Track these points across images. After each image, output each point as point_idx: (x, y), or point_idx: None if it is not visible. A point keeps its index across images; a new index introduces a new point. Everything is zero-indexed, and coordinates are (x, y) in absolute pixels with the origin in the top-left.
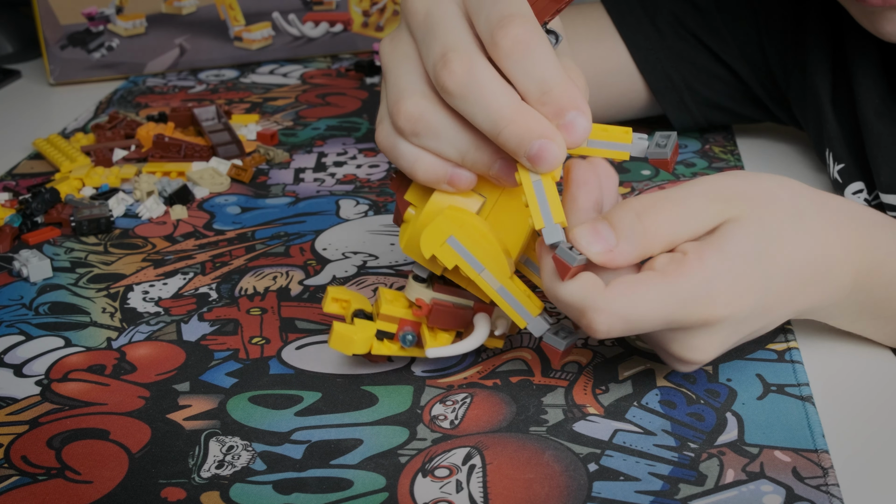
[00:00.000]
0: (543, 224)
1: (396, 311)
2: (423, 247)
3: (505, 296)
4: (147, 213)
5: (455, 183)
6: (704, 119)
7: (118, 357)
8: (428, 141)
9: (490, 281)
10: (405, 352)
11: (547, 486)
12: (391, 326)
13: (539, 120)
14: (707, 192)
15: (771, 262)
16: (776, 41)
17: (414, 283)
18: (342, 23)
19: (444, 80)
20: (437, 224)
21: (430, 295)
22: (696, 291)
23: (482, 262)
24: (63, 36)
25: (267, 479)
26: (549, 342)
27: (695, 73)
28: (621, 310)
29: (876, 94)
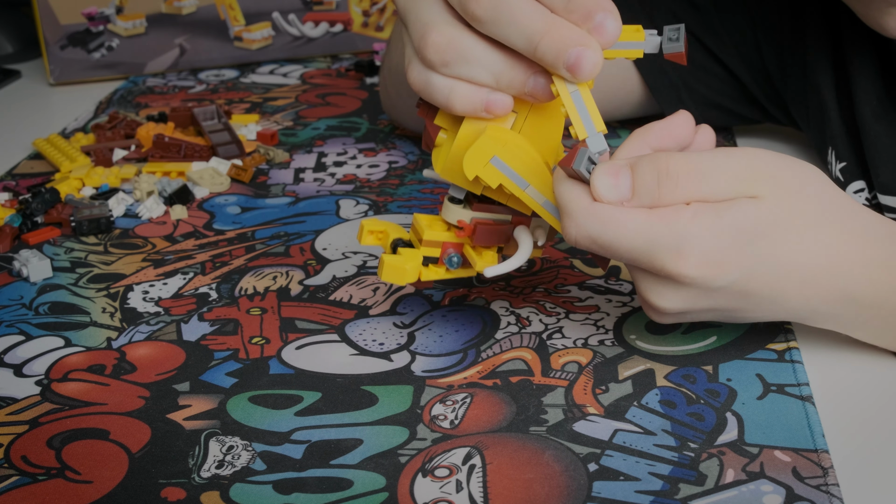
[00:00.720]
0: (587, 133)
1: (439, 236)
2: (467, 168)
3: (550, 209)
4: (147, 213)
5: (492, 109)
6: (702, 118)
7: (118, 357)
8: (459, 68)
9: (535, 196)
10: (452, 273)
11: (547, 486)
12: (435, 251)
13: (572, 29)
14: (740, 170)
15: (767, 249)
16: (773, 41)
17: (451, 205)
18: (342, 23)
19: (473, 8)
20: (480, 145)
21: (470, 215)
22: (669, 241)
23: (526, 178)
24: (63, 36)
25: (267, 479)
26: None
27: (692, 71)
28: (592, 230)
29: (874, 95)
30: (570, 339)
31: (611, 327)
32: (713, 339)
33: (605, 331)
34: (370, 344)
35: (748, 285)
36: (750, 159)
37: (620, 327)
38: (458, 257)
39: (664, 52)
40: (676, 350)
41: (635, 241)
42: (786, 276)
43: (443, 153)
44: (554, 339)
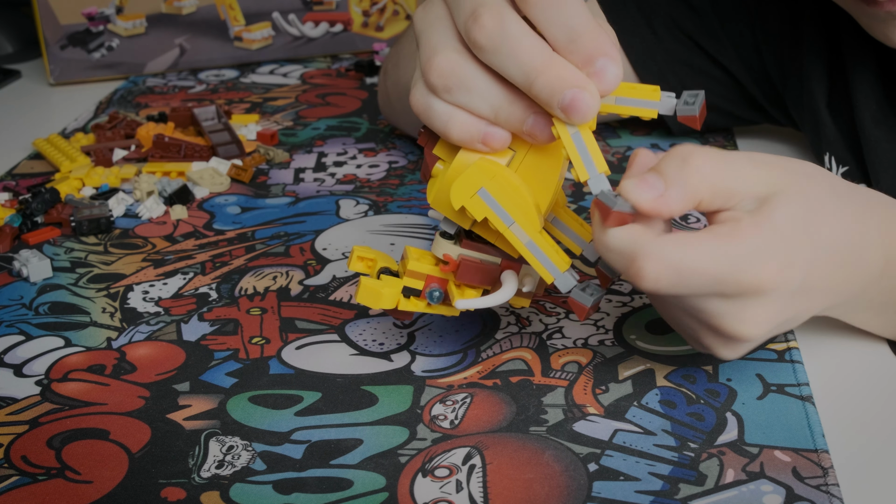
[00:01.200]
0: (588, 175)
1: (423, 268)
2: (454, 198)
3: (533, 250)
4: (147, 213)
5: (489, 142)
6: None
7: (118, 357)
8: (460, 96)
9: (519, 234)
10: (432, 309)
11: (547, 486)
12: (418, 283)
13: (570, 69)
14: (751, 157)
15: (816, 235)
16: (772, 44)
17: (441, 240)
18: (342, 23)
19: (475, 35)
20: (468, 175)
21: (458, 251)
22: (749, 254)
23: (512, 214)
24: (63, 36)
25: (267, 479)
26: (576, 298)
27: (691, 75)
28: (672, 257)
29: (873, 100)
30: (570, 339)
31: (611, 327)
32: None
33: (605, 331)
34: (370, 344)
35: (811, 278)
36: (753, 154)
37: (620, 327)
38: (440, 292)
39: (678, 114)
40: (676, 350)
41: (718, 261)
42: (834, 257)
43: (437, 184)
44: (554, 339)
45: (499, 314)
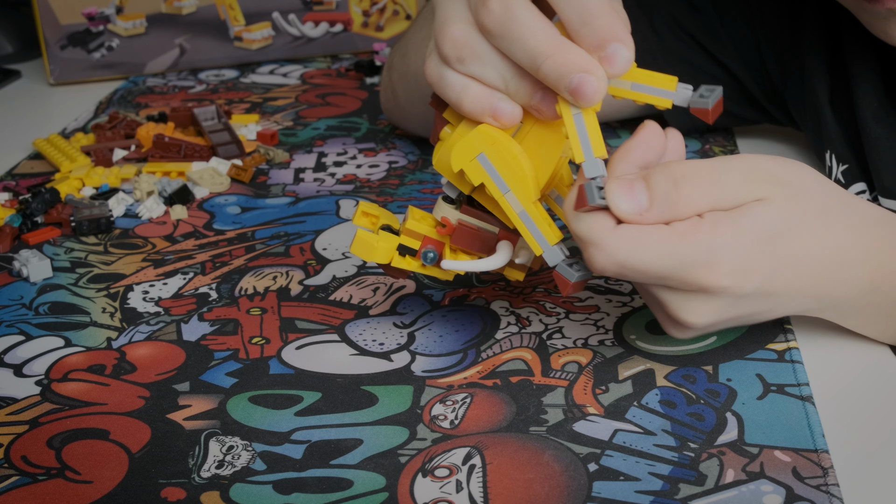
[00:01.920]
0: (584, 158)
1: (421, 228)
2: (454, 160)
3: (525, 220)
4: (147, 213)
5: (498, 116)
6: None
7: (118, 357)
8: (472, 66)
9: (513, 203)
10: (425, 270)
11: (547, 486)
12: (415, 243)
13: (578, 53)
14: (745, 172)
15: (785, 248)
16: (773, 43)
17: (442, 203)
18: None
19: (483, 19)
20: (470, 139)
21: (457, 215)
22: (699, 256)
23: (508, 183)
24: (63, 36)
25: (267, 479)
26: (561, 272)
27: (692, 73)
28: (620, 254)
29: (874, 97)
30: (570, 339)
31: (611, 327)
32: (713, 339)
33: (605, 331)
34: (370, 344)
35: (771, 286)
36: (751, 163)
37: (620, 327)
38: (435, 254)
39: (690, 105)
40: (676, 350)
41: (665, 260)
42: (803, 272)
43: (442, 148)
44: (554, 339)
45: (499, 314)
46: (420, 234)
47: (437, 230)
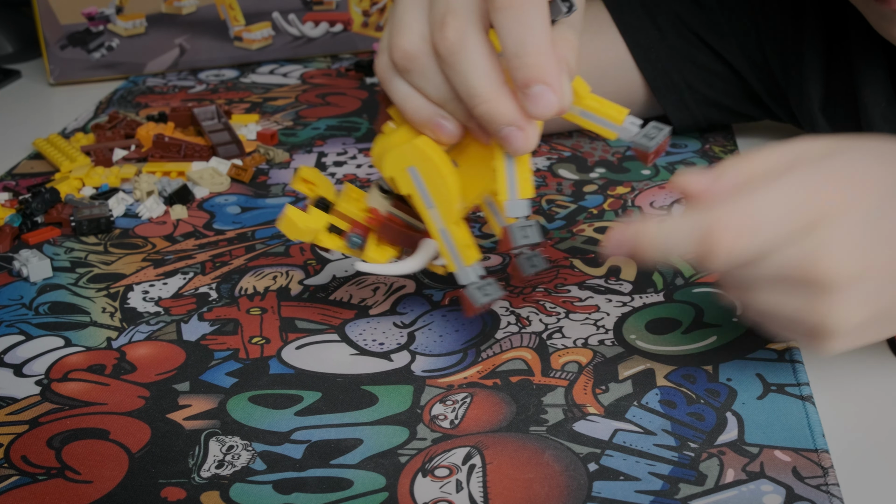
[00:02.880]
0: (507, 197)
1: (352, 212)
2: (386, 167)
3: (444, 238)
4: (147, 212)
5: (436, 131)
6: (703, 118)
7: (118, 357)
8: (418, 80)
9: (435, 219)
10: (347, 251)
11: (547, 486)
12: (345, 224)
13: (512, 105)
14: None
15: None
16: (776, 41)
17: (376, 192)
18: (342, 23)
19: (437, 43)
20: (404, 151)
21: (388, 208)
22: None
23: (434, 199)
24: (63, 36)
25: (267, 479)
26: (468, 294)
27: (695, 71)
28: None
29: (883, 98)
30: (570, 338)
31: (611, 327)
32: (713, 339)
33: (605, 331)
34: (370, 344)
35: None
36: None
37: (620, 327)
38: (361, 239)
39: (633, 144)
40: (676, 350)
41: (787, 191)
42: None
43: (381, 142)
44: (554, 338)
45: (499, 314)
46: (350, 218)
47: (366, 219)
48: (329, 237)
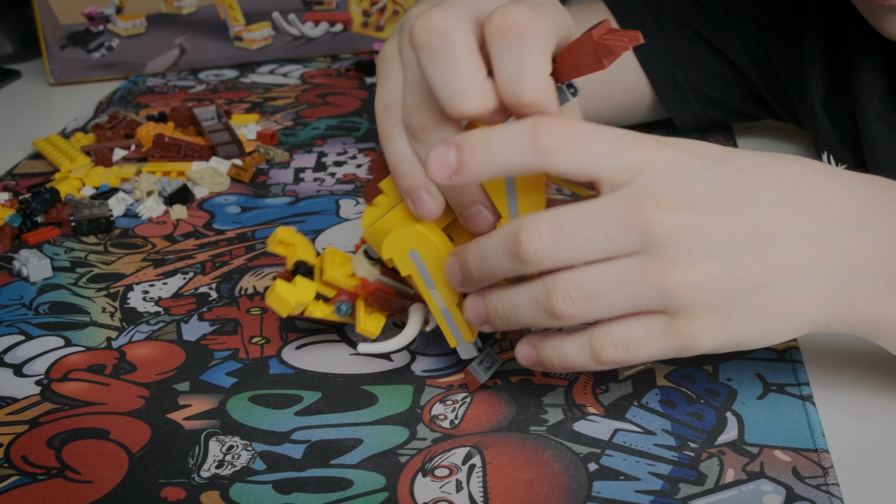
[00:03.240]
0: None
1: (339, 280)
2: (385, 249)
3: (446, 317)
4: (147, 212)
5: (416, 204)
6: (706, 117)
7: (118, 357)
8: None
9: (437, 299)
10: (335, 318)
11: (547, 486)
12: (330, 292)
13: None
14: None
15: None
16: (778, 38)
17: (363, 258)
18: (342, 23)
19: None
20: (405, 235)
21: (377, 276)
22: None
23: (436, 281)
24: (63, 36)
25: (267, 479)
26: (472, 372)
27: (698, 71)
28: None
29: (876, 95)
30: None
31: None
32: None
33: None
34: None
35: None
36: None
37: None
38: (349, 307)
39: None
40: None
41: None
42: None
43: (373, 215)
44: None
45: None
46: (336, 287)
47: (356, 288)
48: (317, 306)
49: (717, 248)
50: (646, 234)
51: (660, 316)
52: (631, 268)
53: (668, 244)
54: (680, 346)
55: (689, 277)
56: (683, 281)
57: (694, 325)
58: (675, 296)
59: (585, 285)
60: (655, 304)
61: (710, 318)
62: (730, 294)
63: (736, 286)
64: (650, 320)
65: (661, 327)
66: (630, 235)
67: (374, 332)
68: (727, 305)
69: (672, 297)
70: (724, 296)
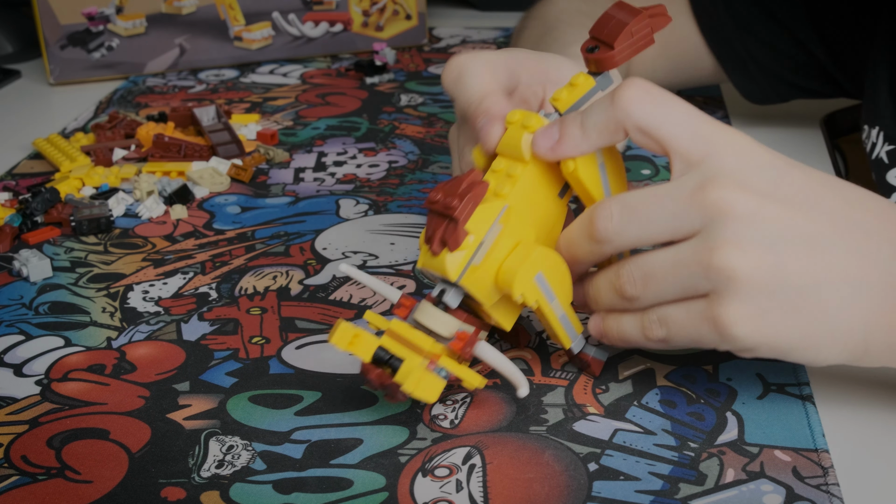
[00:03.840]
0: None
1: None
2: (518, 284)
3: (563, 321)
4: (147, 212)
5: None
6: (772, 91)
7: (118, 357)
8: None
9: (556, 309)
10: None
11: (547, 486)
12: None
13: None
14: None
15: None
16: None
17: (436, 312)
18: (342, 23)
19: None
20: (534, 262)
21: (458, 323)
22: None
23: (555, 292)
24: (63, 36)
25: (267, 479)
26: (595, 355)
27: (757, 45)
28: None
29: None
30: None
31: None
32: None
33: None
34: None
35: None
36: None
37: None
38: (446, 372)
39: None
40: (676, 350)
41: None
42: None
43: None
44: None
45: None
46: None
47: (453, 345)
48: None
49: (769, 240)
50: (705, 213)
51: (703, 299)
52: (686, 249)
53: (723, 225)
54: (716, 333)
55: (735, 260)
56: (728, 263)
57: (732, 312)
58: (718, 277)
59: (646, 266)
60: (702, 286)
61: (748, 309)
62: (771, 288)
63: (779, 281)
64: (694, 302)
65: (702, 310)
66: (691, 214)
67: (479, 381)
68: (767, 299)
69: (715, 278)
70: (766, 288)
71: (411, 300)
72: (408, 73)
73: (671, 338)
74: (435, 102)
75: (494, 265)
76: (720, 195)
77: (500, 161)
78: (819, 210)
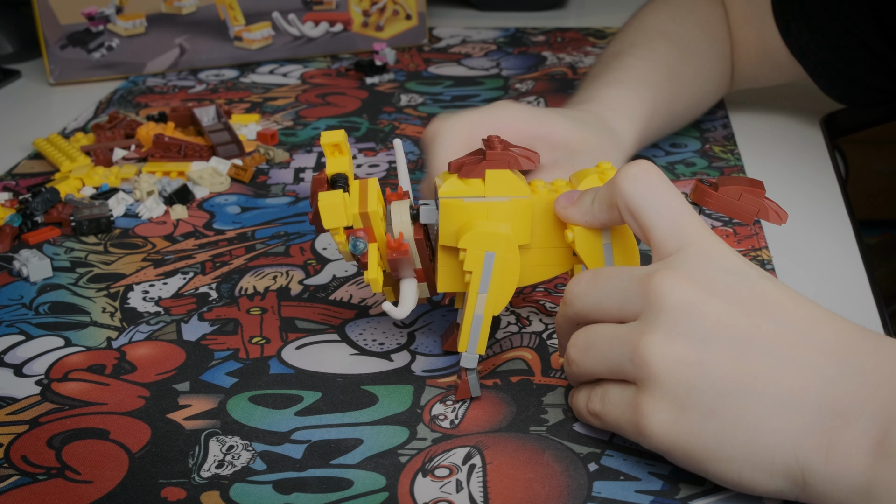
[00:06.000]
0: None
1: (379, 217)
2: (466, 238)
3: (476, 323)
4: (147, 212)
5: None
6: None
7: (118, 357)
8: None
9: (479, 305)
10: (345, 250)
11: (547, 486)
12: (357, 223)
13: None
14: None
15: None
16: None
17: (406, 211)
18: (342, 23)
19: None
20: (496, 237)
21: (410, 236)
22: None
23: (492, 287)
24: (63, 36)
25: (267, 479)
26: (470, 381)
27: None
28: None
29: None
30: None
31: None
32: None
33: None
34: (370, 344)
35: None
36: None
37: None
38: (365, 246)
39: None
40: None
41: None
42: None
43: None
44: (554, 338)
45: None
46: (369, 224)
47: (388, 237)
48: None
49: (699, 335)
50: (646, 297)
51: (632, 386)
52: (624, 328)
53: (659, 312)
54: (634, 423)
55: (658, 349)
56: (653, 350)
57: (649, 404)
58: (640, 363)
59: (591, 335)
60: (628, 369)
61: (665, 404)
62: (690, 386)
63: (699, 381)
64: (629, 386)
65: (630, 396)
66: (636, 295)
67: (380, 284)
68: (685, 397)
69: (638, 363)
70: (685, 386)
71: (406, 197)
72: (408, 73)
73: (604, 416)
74: (435, 102)
75: (475, 217)
76: (663, 282)
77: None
78: (772, 319)
